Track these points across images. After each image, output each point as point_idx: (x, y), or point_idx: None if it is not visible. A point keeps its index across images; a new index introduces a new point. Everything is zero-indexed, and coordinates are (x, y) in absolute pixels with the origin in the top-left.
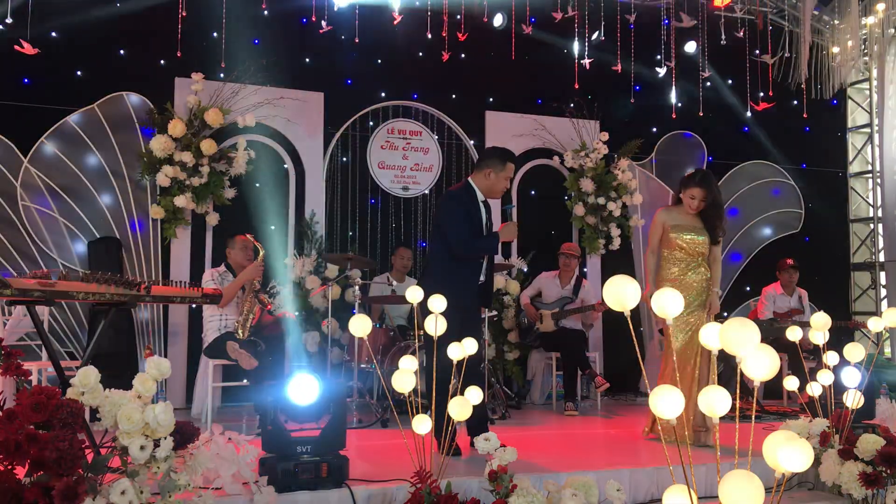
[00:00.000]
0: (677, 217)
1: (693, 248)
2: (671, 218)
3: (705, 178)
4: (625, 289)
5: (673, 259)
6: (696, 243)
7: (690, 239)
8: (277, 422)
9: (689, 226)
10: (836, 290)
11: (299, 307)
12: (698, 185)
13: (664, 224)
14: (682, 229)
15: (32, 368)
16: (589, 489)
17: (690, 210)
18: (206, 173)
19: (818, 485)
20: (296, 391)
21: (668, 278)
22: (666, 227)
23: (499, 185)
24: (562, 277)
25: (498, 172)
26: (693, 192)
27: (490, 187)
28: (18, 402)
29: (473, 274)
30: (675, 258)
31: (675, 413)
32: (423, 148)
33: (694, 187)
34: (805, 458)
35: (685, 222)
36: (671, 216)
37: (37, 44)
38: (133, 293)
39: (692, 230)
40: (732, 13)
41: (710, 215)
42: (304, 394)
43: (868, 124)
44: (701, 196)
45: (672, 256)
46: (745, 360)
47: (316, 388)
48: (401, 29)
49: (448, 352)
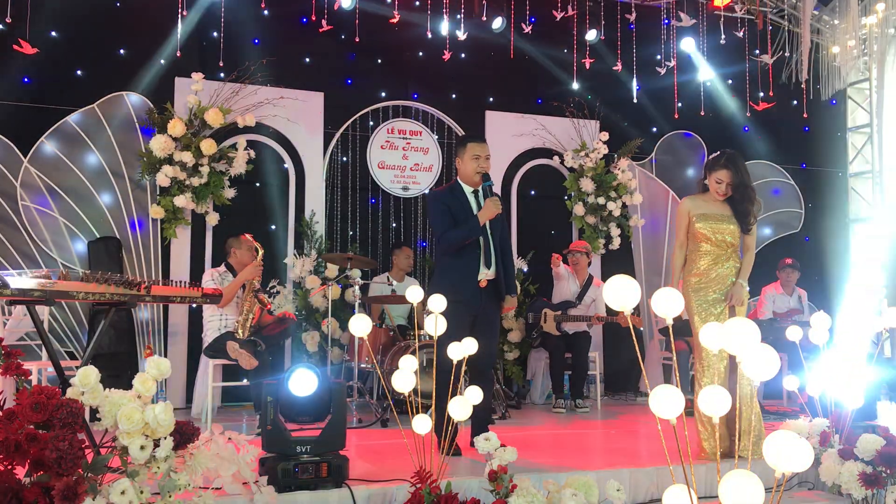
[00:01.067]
0: (703, 205)
1: (721, 238)
2: (696, 206)
3: (731, 158)
4: (625, 289)
5: (699, 252)
6: (724, 232)
7: (718, 228)
8: (277, 420)
9: (717, 214)
10: (836, 290)
11: (299, 307)
12: (724, 166)
13: (689, 213)
14: (708, 218)
15: (32, 368)
16: (589, 489)
17: (718, 196)
18: (206, 173)
19: (818, 485)
20: (296, 384)
21: (694, 273)
22: (691, 217)
23: (468, 167)
24: (577, 275)
25: (462, 156)
26: (719, 176)
27: (465, 174)
28: (18, 402)
29: (470, 268)
30: (702, 251)
31: (674, 413)
32: (423, 148)
33: (720, 170)
34: (805, 458)
35: (712, 210)
36: (696, 204)
37: (37, 44)
38: (133, 293)
39: (720, 219)
40: (732, 13)
41: (739, 200)
42: (304, 387)
43: (868, 124)
44: (728, 179)
45: (699, 249)
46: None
47: (315, 382)
48: (401, 29)
49: (448, 351)
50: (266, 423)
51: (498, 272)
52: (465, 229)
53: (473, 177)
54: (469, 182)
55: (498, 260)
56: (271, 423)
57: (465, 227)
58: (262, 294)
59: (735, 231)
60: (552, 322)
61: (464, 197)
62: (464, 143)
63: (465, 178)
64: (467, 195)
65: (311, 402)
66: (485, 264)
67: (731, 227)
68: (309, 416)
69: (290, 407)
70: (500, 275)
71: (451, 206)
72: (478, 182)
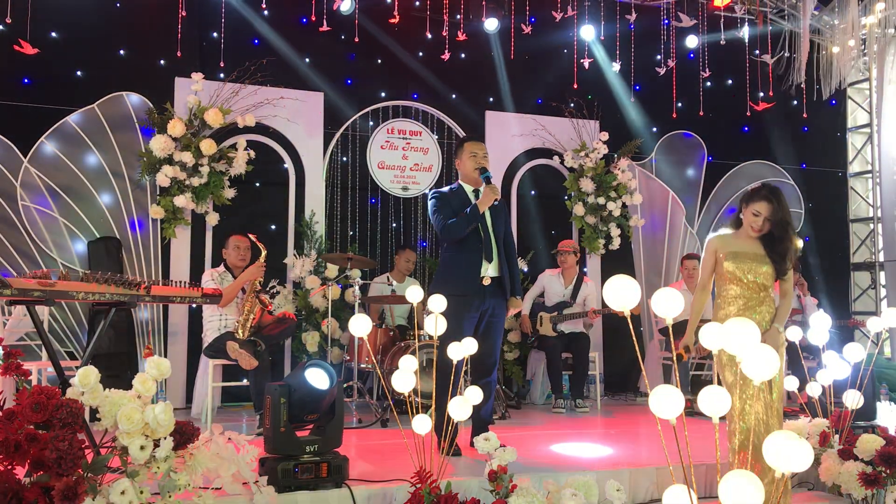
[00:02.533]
0: (734, 243)
1: (753, 280)
2: (726, 244)
3: (773, 191)
4: (625, 289)
5: (728, 297)
6: (757, 273)
7: (750, 268)
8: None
9: (750, 253)
10: (836, 290)
11: (299, 307)
12: (765, 198)
13: (717, 251)
14: (740, 258)
15: (32, 368)
16: (589, 489)
17: (753, 231)
18: (206, 173)
19: (818, 485)
20: (314, 377)
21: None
22: (720, 257)
23: (467, 166)
24: (564, 276)
25: (461, 156)
26: (758, 208)
27: (465, 173)
28: (18, 402)
29: (472, 262)
30: (732, 295)
31: (674, 413)
32: (423, 148)
33: (759, 201)
34: (805, 458)
35: (745, 249)
36: (726, 242)
37: (37, 44)
38: (133, 293)
39: (753, 258)
40: (732, 13)
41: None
42: (321, 381)
43: (868, 124)
44: (767, 213)
45: (727, 293)
46: (745, 360)
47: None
48: (401, 29)
49: (447, 351)
50: (279, 425)
51: (502, 271)
52: (464, 218)
53: (472, 173)
54: (470, 181)
55: (502, 258)
56: (284, 425)
57: (464, 216)
58: (264, 294)
59: (769, 273)
60: (548, 324)
61: (465, 196)
62: (461, 143)
63: (465, 178)
64: (468, 194)
65: (313, 403)
66: (486, 258)
67: (764, 269)
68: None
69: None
70: (504, 274)
71: (450, 201)
72: (478, 179)
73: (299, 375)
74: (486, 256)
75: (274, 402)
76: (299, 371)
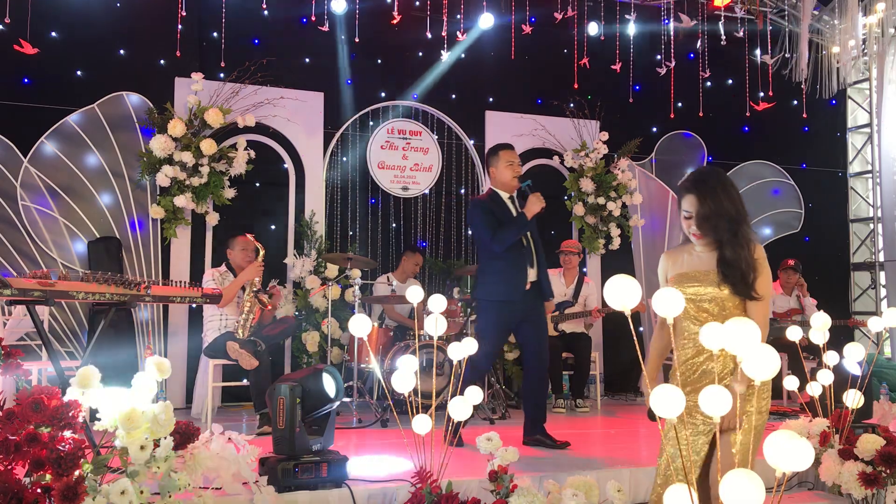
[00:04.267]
0: (684, 259)
1: (701, 307)
2: (675, 263)
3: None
4: (625, 289)
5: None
6: (703, 298)
7: (696, 293)
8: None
9: (696, 272)
10: (836, 290)
11: (299, 307)
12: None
13: (666, 274)
14: (685, 279)
15: (32, 368)
16: (589, 489)
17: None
18: (206, 173)
19: (818, 485)
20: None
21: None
22: (669, 280)
23: (504, 174)
24: (565, 276)
25: (497, 164)
26: (685, 206)
27: (501, 182)
28: (18, 402)
29: (519, 268)
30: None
31: (674, 413)
32: (423, 148)
33: (684, 196)
34: (805, 458)
35: (693, 267)
36: (675, 260)
37: (37, 44)
38: (133, 293)
39: (700, 278)
40: (732, 13)
41: (725, 243)
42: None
43: (868, 124)
44: (696, 208)
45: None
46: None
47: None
48: (401, 29)
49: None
50: (294, 425)
51: (540, 275)
52: (514, 226)
53: (511, 181)
54: (505, 188)
55: (541, 262)
56: (299, 425)
57: (514, 225)
58: (263, 294)
59: (723, 297)
60: (549, 324)
61: (502, 203)
62: (496, 151)
63: (500, 185)
64: (504, 201)
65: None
66: (529, 264)
67: (712, 291)
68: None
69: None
70: (541, 277)
71: (493, 210)
72: (514, 187)
73: (317, 379)
74: (529, 262)
75: (290, 402)
76: (313, 375)
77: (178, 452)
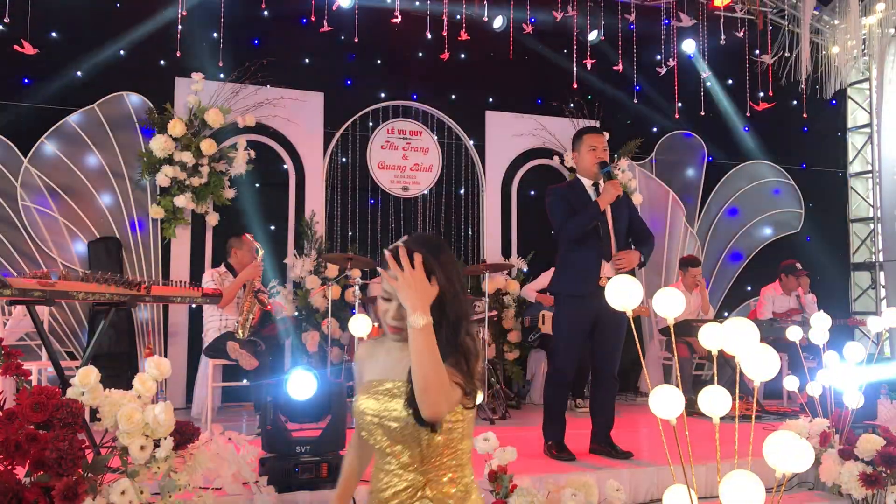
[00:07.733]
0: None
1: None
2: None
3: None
4: (626, 289)
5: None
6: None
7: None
8: (277, 421)
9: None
10: (836, 289)
11: (299, 307)
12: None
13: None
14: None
15: (32, 368)
16: (589, 489)
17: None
18: (206, 173)
19: (818, 485)
20: (294, 387)
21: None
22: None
23: (585, 160)
24: None
25: (579, 149)
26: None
27: (583, 167)
28: (18, 402)
29: (590, 261)
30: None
31: (674, 413)
32: (423, 148)
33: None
34: (805, 458)
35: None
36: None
37: (37, 44)
38: (133, 293)
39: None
40: (732, 13)
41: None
42: (303, 390)
43: (868, 124)
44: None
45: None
46: (745, 360)
47: (314, 385)
48: (401, 29)
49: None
50: (266, 423)
51: None
52: (584, 215)
53: (592, 167)
54: (588, 175)
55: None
56: (271, 423)
57: (584, 214)
58: (263, 294)
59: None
60: (550, 323)
61: (584, 191)
62: (580, 136)
63: (583, 172)
64: (587, 188)
65: (311, 403)
66: (604, 257)
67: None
68: (310, 417)
69: (293, 407)
70: None
71: (568, 197)
72: (597, 173)
73: (282, 384)
74: (604, 255)
75: (263, 400)
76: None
77: (178, 453)
